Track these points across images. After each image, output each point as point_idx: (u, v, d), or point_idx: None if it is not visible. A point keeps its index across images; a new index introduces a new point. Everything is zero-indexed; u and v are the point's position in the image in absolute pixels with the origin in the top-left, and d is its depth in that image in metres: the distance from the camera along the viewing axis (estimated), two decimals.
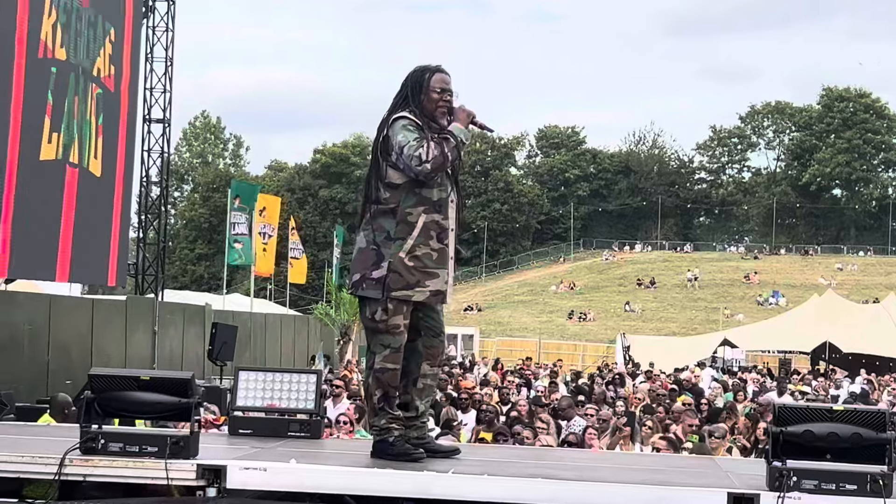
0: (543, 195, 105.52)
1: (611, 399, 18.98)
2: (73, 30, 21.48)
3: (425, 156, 5.73)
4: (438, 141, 5.81)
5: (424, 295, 5.86)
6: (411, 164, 5.75)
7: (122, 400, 5.27)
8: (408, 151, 5.76)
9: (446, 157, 5.80)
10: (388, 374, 5.88)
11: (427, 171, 5.75)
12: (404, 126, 5.86)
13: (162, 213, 30.03)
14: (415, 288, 5.83)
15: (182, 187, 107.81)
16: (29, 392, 18.30)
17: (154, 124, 28.85)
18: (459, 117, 5.96)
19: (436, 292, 5.89)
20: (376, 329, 5.89)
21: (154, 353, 24.90)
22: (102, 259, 24.28)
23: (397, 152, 5.82)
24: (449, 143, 5.82)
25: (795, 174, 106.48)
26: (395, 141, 5.84)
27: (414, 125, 5.87)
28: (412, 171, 5.77)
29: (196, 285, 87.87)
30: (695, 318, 72.72)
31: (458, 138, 5.87)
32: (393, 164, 5.88)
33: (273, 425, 6.69)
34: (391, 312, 5.83)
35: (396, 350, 5.88)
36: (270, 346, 32.66)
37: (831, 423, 5.04)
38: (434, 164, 5.75)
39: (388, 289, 5.80)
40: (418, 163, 5.73)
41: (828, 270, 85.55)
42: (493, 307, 79.34)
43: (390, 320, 5.84)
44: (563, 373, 29.56)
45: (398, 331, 5.86)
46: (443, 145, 5.80)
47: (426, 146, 5.75)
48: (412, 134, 5.82)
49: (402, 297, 5.81)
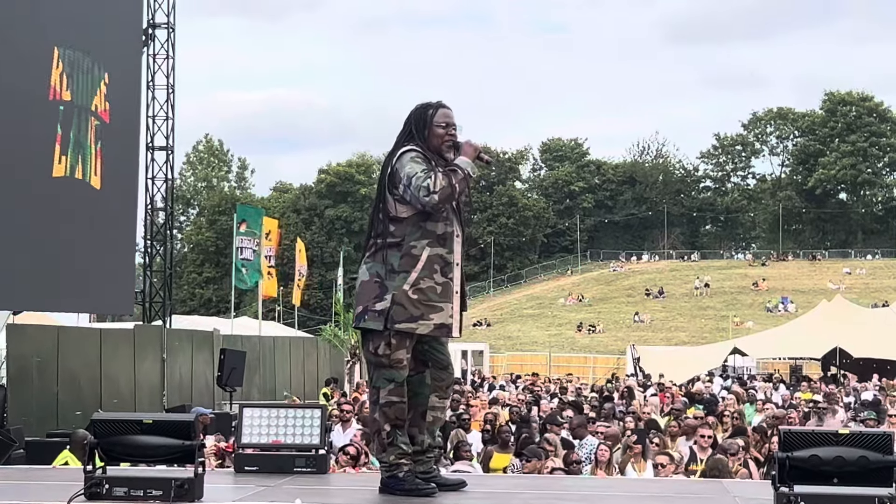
0: (549, 208, 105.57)
1: (620, 414, 18.87)
2: (75, 76, 23.06)
3: (433, 186, 5.72)
4: (446, 172, 5.81)
5: (428, 328, 5.84)
6: (419, 195, 5.74)
7: (125, 444, 5.26)
8: (416, 182, 5.75)
9: (454, 189, 5.79)
10: (394, 407, 5.85)
11: (435, 201, 5.74)
12: (412, 158, 5.86)
13: (168, 239, 30.06)
14: (418, 321, 5.80)
15: (188, 211, 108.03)
16: (39, 425, 18.33)
17: (157, 151, 28.92)
18: (466, 151, 5.96)
19: (440, 325, 5.87)
20: (380, 363, 5.87)
21: (163, 380, 24.91)
22: (109, 287, 24.42)
23: (405, 184, 5.80)
24: (457, 175, 5.82)
25: (800, 179, 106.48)
26: (404, 173, 5.83)
27: (422, 157, 5.87)
28: (420, 202, 5.76)
29: (204, 309, 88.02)
30: (704, 327, 72.63)
31: (465, 171, 5.87)
32: (400, 198, 5.87)
33: (279, 461, 6.67)
34: (394, 347, 5.81)
35: (401, 384, 5.86)
36: (280, 369, 32.66)
37: (837, 447, 5.02)
38: (442, 194, 5.74)
39: (391, 321, 5.78)
40: (426, 193, 5.72)
41: (836, 275, 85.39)
42: (502, 322, 79.30)
43: (393, 354, 5.82)
44: (572, 387, 29.50)
45: (401, 365, 5.84)
46: (451, 177, 5.79)
47: (434, 177, 5.74)
48: (420, 165, 5.82)
49: (406, 329, 5.79)
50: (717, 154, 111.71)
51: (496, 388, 31.27)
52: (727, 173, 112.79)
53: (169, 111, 28.91)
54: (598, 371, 52.73)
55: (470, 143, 6.00)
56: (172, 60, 28.87)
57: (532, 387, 28.92)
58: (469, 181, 5.91)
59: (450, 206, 5.92)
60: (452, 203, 5.93)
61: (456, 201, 5.96)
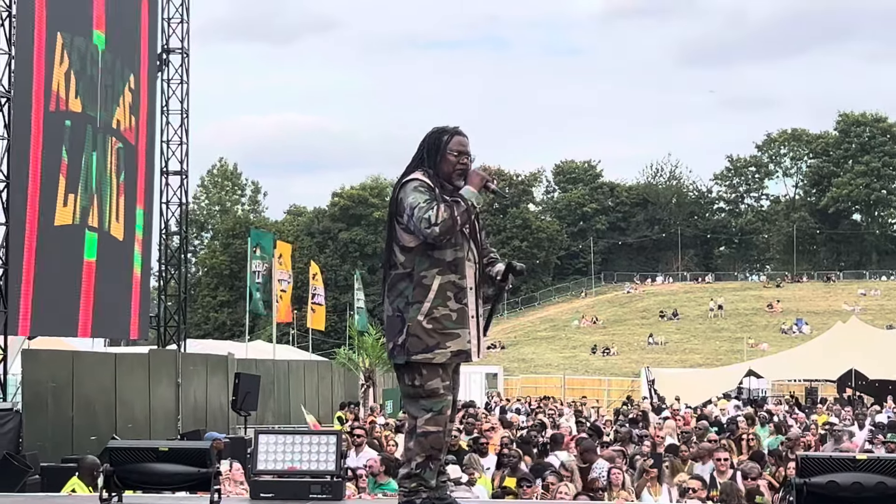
0: (562, 230, 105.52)
1: (637, 437, 18.80)
2: (88, 76, 21.09)
3: (434, 218, 5.72)
4: (449, 204, 5.80)
5: (446, 356, 5.84)
6: (420, 227, 5.75)
7: (141, 472, 5.28)
8: (417, 214, 5.76)
9: (455, 221, 5.78)
10: (431, 437, 5.86)
11: (436, 234, 5.74)
12: (415, 188, 5.87)
13: (182, 263, 30.09)
14: (434, 350, 5.81)
15: (202, 235, 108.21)
16: (55, 450, 18.34)
17: (172, 176, 28.97)
18: (473, 181, 5.94)
19: (457, 352, 5.87)
20: (416, 395, 5.89)
21: (178, 405, 24.93)
22: (124, 312, 24.44)
23: (408, 214, 5.82)
24: (459, 207, 5.81)
25: (814, 200, 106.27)
26: (406, 203, 5.84)
27: (425, 186, 5.87)
28: (422, 233, 5.78)
29: (219, 332, 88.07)
30: (719, 349, 72.43)
31: (469, 202, 5.85)
32: (405, 227, 5.89)
33: (294, 488, 6.66)
34: (426, 377, 5.83)
35: (439, 412, 5.86)
36: (294, 393, 32.65)
37: (855, 473, 5.00)
38: (443, 227, 5.74)
39: (408, 353, 5.80)
40: (427, 225, 5.73)
41: (851, 296, 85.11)
42: (516, 344, 79.20)
43: (427, 385, 5.84)
44: (586, 410, 29.41)
45: (438, 393, 5.86)
46: (453, 208, 5.78)
47: (436, 209, 5.74)
48: (422, 196, 5.82)
49: (423, 360, 5.80)
50: (731, 175, 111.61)
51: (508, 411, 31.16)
52: (741, 195, 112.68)
53: (183, 136, 28.95)
54: (613, 394, 52.61)
55: (477, 172, 5.99)
56: (187, 85, 28.93)
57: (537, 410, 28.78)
58: (472, 212, 5.88)
59: (461, 232, 5.92)
60: (465, 229, 5.93)
61: (471, 226, 5.96)
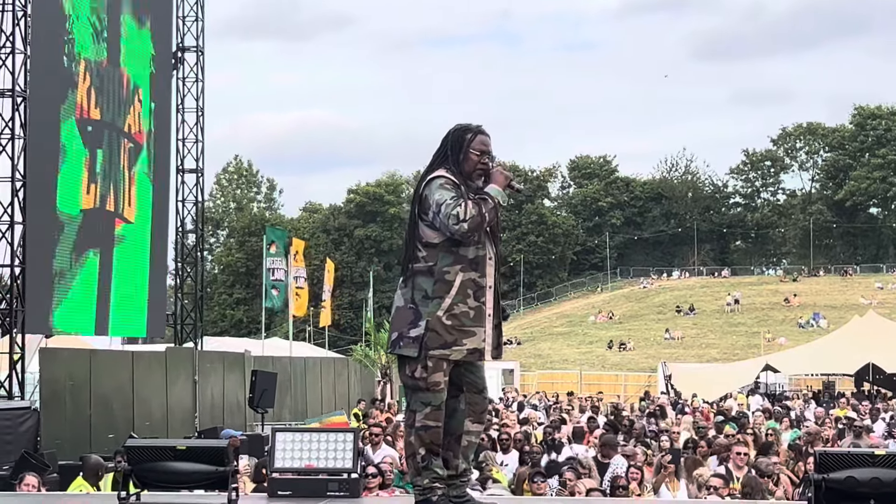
0: (578, 226, 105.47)
1: (652, 433, 18.76)
2: (105, 91, 23.12)
3: (463, 215, 5.72)
4: (476, 201, 5.81)
5: (462, 354, 5.84)
6: (448, 224, 5.74)
7: (158, 471, 5.28)
8: (445, 210, 5.75)
9: (483, 218, 5.79)
10: (430, 431, 5.85)
11: (464, 230, 5.74)
12: (441, 185, 5.86)
13: (198, 261, 30.15)
14: (452, 347, 5.81)
15: (217, 233, 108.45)
16: (73, 448, 18.38)
17: (187, 174, 29.04)
18: (497, 179, 5.96)
19: (473, 350, 5.87)
20: (416, 387, 5.87)
21: (195, 402, 24.99)
22: (141, 311, 24.62)
23: (434, 211, 5.81)
24: (487, 204, 5.82)
25: (830, 194, 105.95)
26: (433, 200, 5.83)
27: (451, 184, 5.87)
28: (449, 230, 5.76)
29: (235, 330, 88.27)
30: (736, 344, 72.21)
31: (495, 200, 5.87)
32: (430, 224, 5.87)
33: (312, 486, 6.66)
34: (430, 370, 5.81)
35: (437, 408, 5.85)
36: (311, 390, 32.71)
37: (874, 468, 4.98)
38: (472, 223, 5.74)
39: (425, 347, 5.79)
40: (455, 222, 5.72)
41: (868, 290, 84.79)
42: (533, 340, 79.15)
43: (430, 378, 5.82)
44: (603, 406, 29.37)
45: (439, 388, 5.84)
46: (480, 205, 5.79)
47: (464, 205, 5.74)
48: (449, 193, 5.82)
49: (440, 356, 5.79)
50: (747, 170, 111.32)
51: (526, 407, 31.14)
52: (756, 189, 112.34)
53: (199, 134, 29.04)
54: (630, 389, 52.54)
55: (501, 171, 6.00)
56: (202, 83, 29.02)
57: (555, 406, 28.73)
58: (499, 210, 5.91)
59: (483, 231, 5.92)
60: (486, 228, 5.93)
61: (488, 226, 5.96)
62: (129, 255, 24.11)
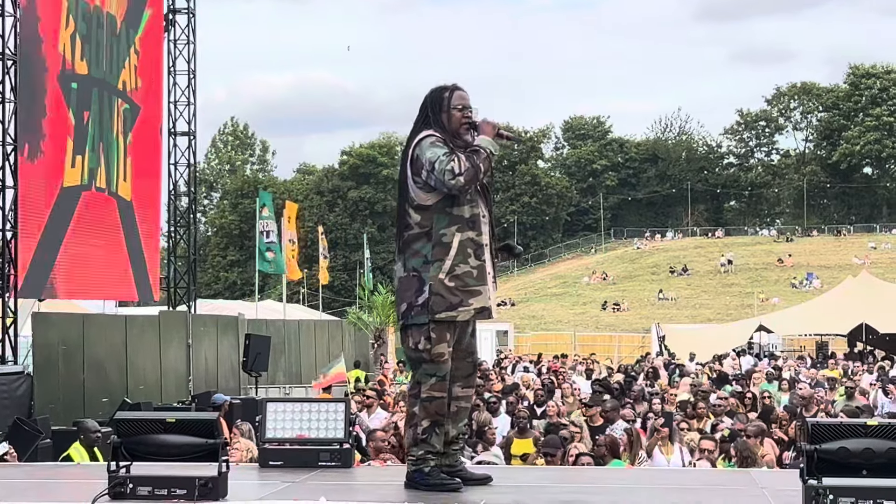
0: (572, 187, 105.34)
1: (648, 395, 18.75)
2: (94, 40, 21.33)
3: (458, 168, 5.68)
4: (468, 154, 5.77)
5: (469, 314, 5.82)
6: (444, 179, 5.70)
7: (148, 443, 5.26)
8: (439, 166, 5.71)
9: (479, 169, 5.75)
10: (435, 402, 5.84)
11: (461, 183, 5.70)
12: (432, 143, 5.81)
13: (191, 224, 30.03)
14: (458, 308, 5.78)
15: (211, 195, 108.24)
16: (66, 413, 18.37)
17: (179, 137, 28.89)
18: (485, 130, 5.92)
19: (480, 309, 5.85)
20: (421, 359, 5.84)
21: (189, 366, 24.99)
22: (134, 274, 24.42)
23: (428, 169, 5.77)
24: (480, 155, 5.79)
25: (825, 154, 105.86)
26: (426, 158, 5.79)
27: (441, 141, 5.83)
28: (445, 185, 5.72)
29: (229, 292, 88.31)
30: (729, 304, 72.36)
31: (487, 150, 5.83)
32: (423, 185, 5.83)
33: (303, 456, 6.66)
34: (434, 341, 5.78)
35: (442, 378, 5.83)
36: (305, 353, 32.73)
37: (866, 439, 4.96)
38: (467, 176, 5.70)
39: (431, 311, 5.76)
40: (451, 176, 5.68)
41: (861, 250, 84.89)
42: (527, 301, 79.23)
43: (434, 349, 5.80)
44: (598, 368, 29.34)
45: (443, 359, 5.81)
46: (474, 158, 5.76)
47: (457, 159, 5.70)
48: (441, 149, 5.77)
49: (447, 318, 5.76)
50: (741, 130, 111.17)
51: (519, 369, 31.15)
52: (751, 149, 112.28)
53: (191, 96, 28.86)
54: (624, 350, 52.59)
55: (487, 121, 5.96)
56: (193, 45, 28.79)
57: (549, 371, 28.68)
58: (492, 160, 5.87)
59: (475, 188, 5.88)
60: (477, 185, 5.89)
61: (481, 182, 5.92)
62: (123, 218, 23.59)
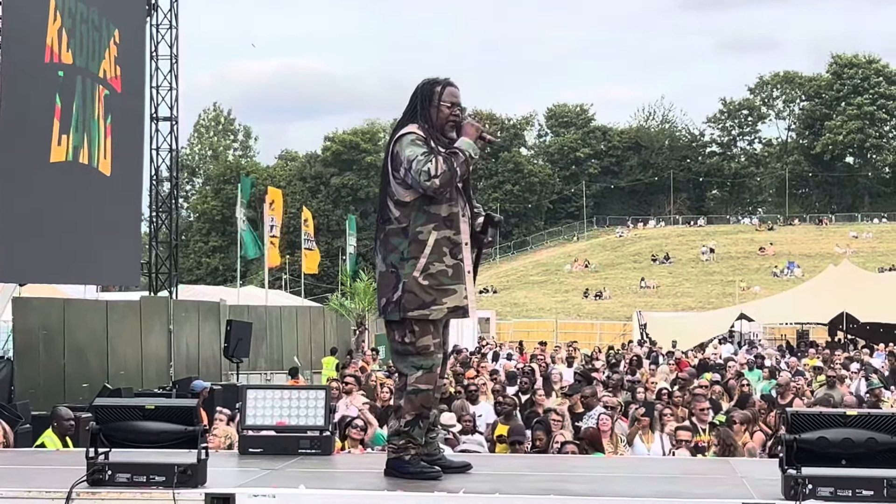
0: (554, 174, 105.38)
1: (629, 384, 18.76)
2: (77, 33, 22.06)
3: (434, 171, 5.67)
4: (447, 156, 5.76)
5: (442, 312, 5.81)
6: (420, 179, 5.69)
7: (127, 430, 5.24)
8: (416, 167, 5.70)
9: (455, 173, 5.75)
10: (421, 395, 5.84)
11: (436, 185, 5.69)
12: (412, 141, 5.80)
13: (173, 210, 29.96)
14: (431, 307, 5.78)
15: (193, 181, 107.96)
16: (46, 398, 18.29)
17: (161, 122, 28.80)
18: (468, 132, 5.91)
19: (454, 308, 5.84)
20: (406, 352, 5.85)
21: (170, 352, 24.93)
22: (115, 259, 24.33)
23: (405, 167, 5.76)
24: (458, 158, 5.78)
25: (807, 143, 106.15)
26: (404, 156, 5.78)
27: (422, 140, 5.81)
28: (421, 186, 5.72)
29: (211, 277, 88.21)
30: (711, 293, 72.55)
31: (466, 153, 5.82)
32: (402, 181, 5.82)
33: (283, 443, 6.66)
34: (418, 334, 5.79)
35: (429, 370, 5.83)
36: (287, 339, 32.69)
37: (845, 429, 4.97)
38: (442, 179, 5.69)
39: (403, 309, 5.76)
40: (427, 178, 5.68)
41: (843, 239, 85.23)
42: (509, 289, 79.30)
43: (418, 342, 5.80)
44: (578, 356, 29.38)
45: (429, 351, 5.82)
46: (451, 160, 5.75)
47: (435, 161, 5.69)
48: (420, 149, 5.76)
49: (419, 316, 5.76)
50: (724, 119, 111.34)
51: (501, 357, 31.20)
52: (734, 138, 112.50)
53: (173, 81, 28.79)
54: (605, 337, 52.76)
55: (471, 123, 5.96)
56: (176, 30, 28.71)
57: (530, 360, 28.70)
58: (470, 163, 5.86)
59: (454, 187, 5.87)
60: (458, 184, 5.88)
61: (463, 180, 5.91)
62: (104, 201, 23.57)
